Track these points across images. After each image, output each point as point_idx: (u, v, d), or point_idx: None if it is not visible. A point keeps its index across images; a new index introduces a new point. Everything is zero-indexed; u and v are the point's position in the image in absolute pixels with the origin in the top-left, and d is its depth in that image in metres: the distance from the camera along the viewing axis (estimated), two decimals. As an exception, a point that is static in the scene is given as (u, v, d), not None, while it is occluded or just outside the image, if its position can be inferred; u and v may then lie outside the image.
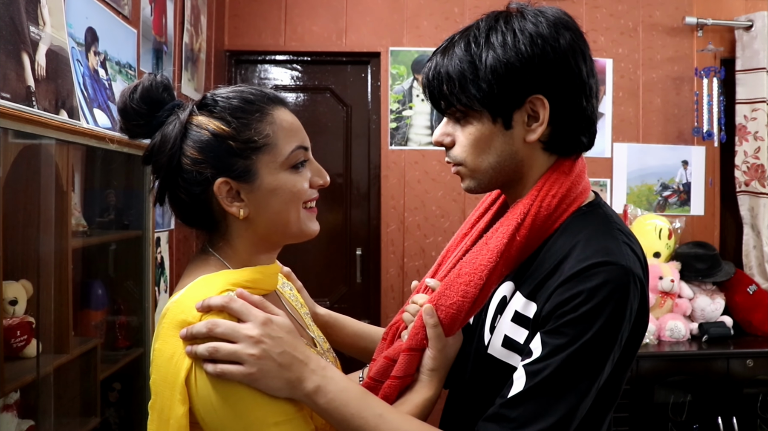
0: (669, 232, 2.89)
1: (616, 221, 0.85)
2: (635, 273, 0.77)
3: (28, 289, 1.36)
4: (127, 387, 1.82)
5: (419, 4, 3.02)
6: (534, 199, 0.84)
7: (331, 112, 3.12)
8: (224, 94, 0.84)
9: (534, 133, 0.83)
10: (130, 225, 1.83)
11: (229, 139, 0.81)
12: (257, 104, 0.84)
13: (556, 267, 0.80)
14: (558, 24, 0.82)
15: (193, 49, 2.52)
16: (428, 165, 3.00)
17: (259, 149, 0.82)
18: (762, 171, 2.93)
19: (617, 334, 0.75)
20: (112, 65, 1.78)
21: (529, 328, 0.81)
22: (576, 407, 0.74)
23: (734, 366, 2.57)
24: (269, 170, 0.83)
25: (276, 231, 0.86)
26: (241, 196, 0.83)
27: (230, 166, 0.81)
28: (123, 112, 0.84)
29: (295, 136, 0.85)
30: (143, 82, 0.84)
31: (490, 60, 0.81)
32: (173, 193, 0.85)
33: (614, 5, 3.07)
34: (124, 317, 1.82)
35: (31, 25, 1.33)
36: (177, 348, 0.75)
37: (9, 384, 1.25)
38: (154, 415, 0.77)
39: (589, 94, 0.84)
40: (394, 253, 3.03)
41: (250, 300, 0.78)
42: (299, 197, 0.85)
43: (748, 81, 2.95)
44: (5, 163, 1.20)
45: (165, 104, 0.85)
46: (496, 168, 0.86)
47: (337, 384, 0.78)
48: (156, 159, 0.83)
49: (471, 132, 0.85)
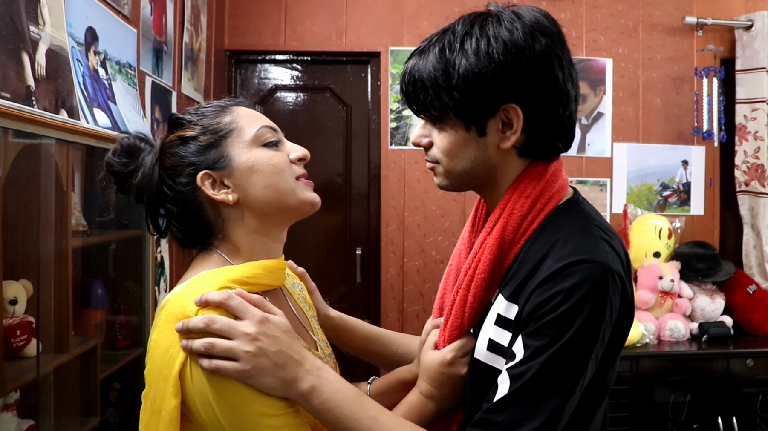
0: (669, 232, 2.89)
1: (594, 218, 0.85)
2: (614, 270, 0.76)
3: (28, 289, 1.36)
4: (127, 387, 1.82)
5: (419, 3, 3.02)
6: (506, 203, 0.85)
7: (331, 112, 3.12)
8: (189, 110, 0.92)
9: (508, 140, 0.83)
10: (130, 225, 1.83)
11: (197, 138, 0.87)
12: (218, 106, 0.91)
13: (535, 268, 0.79)
14: (534, 29, 0.81)
15: (193, 48, 2.52)
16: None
17: (225, 136, 0.87)
18: (762, 171, 2.93)
19: (598, 332, 0.75)
20: (112, 65, 1.78)
21: (511, 330, 0.81)
22: (561, 407, 0.74)
23: (734, 365, 2.57)
24: (240, 150, 0.86)
25: (272, 206, 0.87)
26: (225, 183, 0.86)
27: (204, 159, 0.86)
28: (111, 172, 0.90)
29: (259, 120, 0.90)
30: (119, 140, 0.91)
31: (462, 68, 0.80)
32: (166, 210, 0.89)
33: (614, 5, 3.07)
34: (124, 317, 1.82)
35: (31, 24, 1.33)
36: (173, 341, 0.76)
37: (9, 383, 1.25)
38: (147, 404, 0.78)
39: (566, 100, 0.83)
40: (394, 253, 3.03)
41: (248, 298, 0.78)
42: (281, 169, 0.87)
43: (748, 81, 2.95)
44: (5, 163, 1.20)
45: (143, 151, 0.90)
46: (469, 172, 0.86)
47: (332, 385, 0.78)
48: (139, 188, 0.88)
49: (446, 137, 0.86)
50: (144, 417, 0.78)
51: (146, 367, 0.80)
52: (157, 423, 0.76)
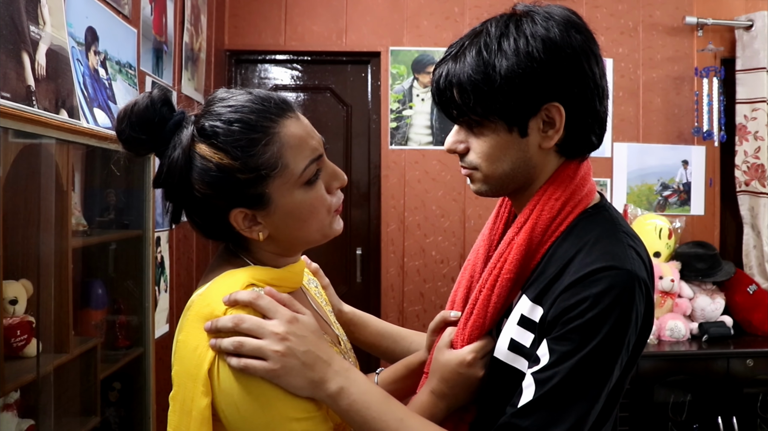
0: (669, 232, 2.89)
1: (621, 224, 0.85)
2: (640, 277, 0.77)
3: (28, 289, 1.36)
4: (127, 387, 1.82)
5: (419, 3, 3.02)
6: (536, 204, 0.84)
7: (331, 112, 3.12)
8: (225, 117, 0.78)
9: (550, 139, 0.83)
10: (130, 225, 1.83)
11: (237, 172, 0.77)
12: (260, 126, 0.78)
13: (561, 270, 0.79)
14: (569, 26, 0.82)
15: (193, 48, 2.52)
16: (428, 164, 3.00)
17: (269, 176, 0.78)
18: (762, 171, 2.93)
19: (624, 339, 0.75)
20: (112, 65, 1.78)
21: (535, 332, 0.80)
22: (587, 413, 0.74)
23: (734, 365, 2.57)
24: (282, 193, 0.80)
25: (299, 242, 0.86)
26: (258, 219, 0.81)
27: (242, 197, 0.79)
28: (124, 140, 0.80)
29: (305, 150, 0.81)
30: (138, 102, 0.79)
31: (504, 69, 0.79)
32: (189, 215, 0.84)
33: (614, 5, 3.07)
34: (124, 317, 1.82)
35: (31, 24, 1.33)
36: (201, 341, 0.75)
37: (9, 383, 1.25)
38: (175, 406, 0.77)
39: (602, 95, 0.84)
40: (394, 253, 3.03)
41: (277, 298, 0.78)
42: (319, 210, 0.84)
43: (748, 81, 2.95)
44: (5, 163, 1.20)
45: (166, 122, 0.80)
46: (510, 175, 0.86)
47: (360, 387, 0.77)
48: (166, 186, 0.81)
49: (486, 141, 0.84)
50: (173, 419, 0.77)
51: (173, 369, 0.79)
52: (189, 423, 0.74)
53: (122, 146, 0.81)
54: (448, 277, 3.04)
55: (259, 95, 0.82)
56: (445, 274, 3.04)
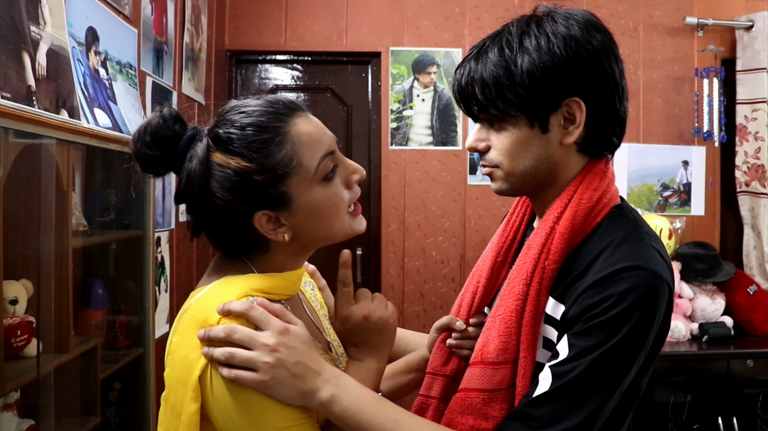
0: (669, 232, 2.89)
1: (643, 225, 0.86)
2: (664, 278, 0.78)
3: (28, 289, 1.36)
4: (127, 387, 1.82)
5: (420, 3, 3.02)
6: (572, 194, 0.84)
7: (331, 112, 3.12)
8: (237, 122, 0.80)
9: (571, 135, 0.84)
10: (131, 225, 1.83)
11: (254, 174, 0.79)
12: (271, 126, 0.80)
13: (585, 269, 0.80)
14: (589, 25, 0.84)
15: (194, 48, 2.52)
16: (428, 165, 3.00)
17: (284, 175, 0.80)
18: (762, 171, 2.93)
19: (645, 338, 0.76)
20: (113, 65, 1.78)
21: (558, 329, 0.81)
22: (600, 408, 0.75)
23: (734, 366, 2.57)
24: (302, 190, 0.81)
25: (322, 239, 0.86)
26: (281, 221, 0.82)
27: (263, 199, 0.80)
28: (140, 160, 0.82)
29: (317, 146, 0.82)
30: (151, 122, 0.81)
31: (526, 64, 0.81)
32: (211, 227, 0.84)
33: (614, 5, 3.07)
34: (125, 317, 1.82)
35: (32, 24, 1.33)
36: (193, 347, 0.76)
37: (9, 383, 1.25)
38: (166, 408, 0.79)
39: (622, 94, 0.85)
40: (394, 253, 3.03)
41: (270, 308, 0.78)
42: (339, 206, 0.84)
43: (748, 81, 2.95)
44: (5, 163, 1.20)
45: (180, 138, 0.82)
46: (531, 172, 0.86)
47: (351, 392, 0.78)
48: (187, 199, 0.82)
49: (507, 136, 0.85)
50: (163, 419, 0.79)
51: (166, 370, 0.80)
52: (177, 426, 0.76)
53: (140, 167, 0.83)
54: (448, 278, 3.04)
55: (268, 98, 0.84)
56: (445, 275, 3.04)
